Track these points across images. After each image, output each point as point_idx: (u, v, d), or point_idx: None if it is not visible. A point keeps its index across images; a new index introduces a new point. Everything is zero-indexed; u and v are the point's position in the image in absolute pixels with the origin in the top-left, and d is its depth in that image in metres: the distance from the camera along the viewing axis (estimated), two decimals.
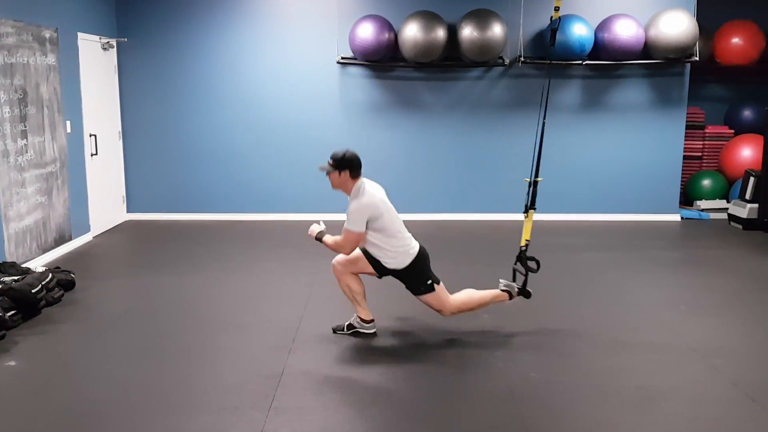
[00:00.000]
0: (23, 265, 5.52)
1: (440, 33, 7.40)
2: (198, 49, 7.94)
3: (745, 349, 4.29)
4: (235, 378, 3.81)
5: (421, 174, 8.16)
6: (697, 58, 7.78)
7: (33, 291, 4.75)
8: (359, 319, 4.45)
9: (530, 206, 4.53)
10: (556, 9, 4.63)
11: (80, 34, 7.02)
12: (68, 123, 6.77)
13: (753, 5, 8.47)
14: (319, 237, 4.31)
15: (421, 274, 4.27)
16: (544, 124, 4.50)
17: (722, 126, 8.85)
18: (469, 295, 4.41)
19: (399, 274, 4.30)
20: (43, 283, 4.92)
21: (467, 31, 7.40)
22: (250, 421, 3.32)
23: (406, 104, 8.06)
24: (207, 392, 3.65)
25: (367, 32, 7.46)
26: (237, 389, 3.67)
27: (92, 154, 7.29)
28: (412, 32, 7.40)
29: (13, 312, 4.57)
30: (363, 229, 4.13)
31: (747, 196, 7.78)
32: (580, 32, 7.47)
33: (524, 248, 4.53)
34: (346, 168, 4.14)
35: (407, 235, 4.29)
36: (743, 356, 4.16)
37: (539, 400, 3.57)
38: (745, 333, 4.57)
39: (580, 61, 7.74)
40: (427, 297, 4.31)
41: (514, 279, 4.58)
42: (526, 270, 4.48)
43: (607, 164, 8.17)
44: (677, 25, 7.45)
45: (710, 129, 8.70)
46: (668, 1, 7.77)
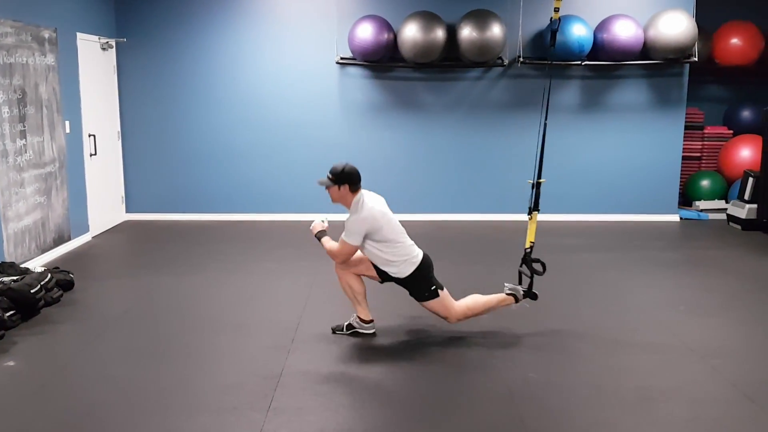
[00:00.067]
0: (22, 266, 5.51)
1: (439, 33, 7.40)
2: (197, 50, 7.94)
3: (744, 349, 4.30)
4: (234, 378, 3.81)
5: (421, 174, 8.16)
6: (696, 59, 7.79)
7: (32, 291, 4.75)
8: (359, 320, 4.44)
9: (534, 208, 4.52)
10: (556, 10, 4.60)
11: (79, 35, 7.02)
12: (67, 123, 6.77)
13: (752, 6, 8.48)
14: (319, 236, 4.33)
15: (424, 281, 4.27)
16: (545, 125, 4.47)
17: (721, 126, 8.85)
18: (474, 300, 4.41)
19: (402, 282, 4.30)
20: (42, 283, 4.91)
21: (466, 32, 7.40)
22: (249, 422, 3.32)
23: (405, 104, 8.06)
24: (206, 392, 3.65)
25: (367, 32, 7.46)
26: (236, 389, 3.66)
27: (91, 155, 7.29)
28: (411, 32, 7.40)
29: (12, 312, 4.57)
30: (359, 242, 4.15)
31: (746, 197, 7.78)
32: (579, 33, 7.46)
33: (529, 250, 4.52)
34: (346, 182, 4.15)
35: (409, 243, 4.28)
36: (742, 356, 4.16)
37: (539, 400, 3.57)
38: (744, 333, 4.58)
39: (579, 62, 7.74)
40: (432, 303, 4.30)
41: (520, 282, 4.56)
42: (531, 272, 4.48)
43: (606, 164, 8.18)
44: (676, 26, 7.46)
45: (709, 129, 8.71)
46: (667, 1, 7.77)
